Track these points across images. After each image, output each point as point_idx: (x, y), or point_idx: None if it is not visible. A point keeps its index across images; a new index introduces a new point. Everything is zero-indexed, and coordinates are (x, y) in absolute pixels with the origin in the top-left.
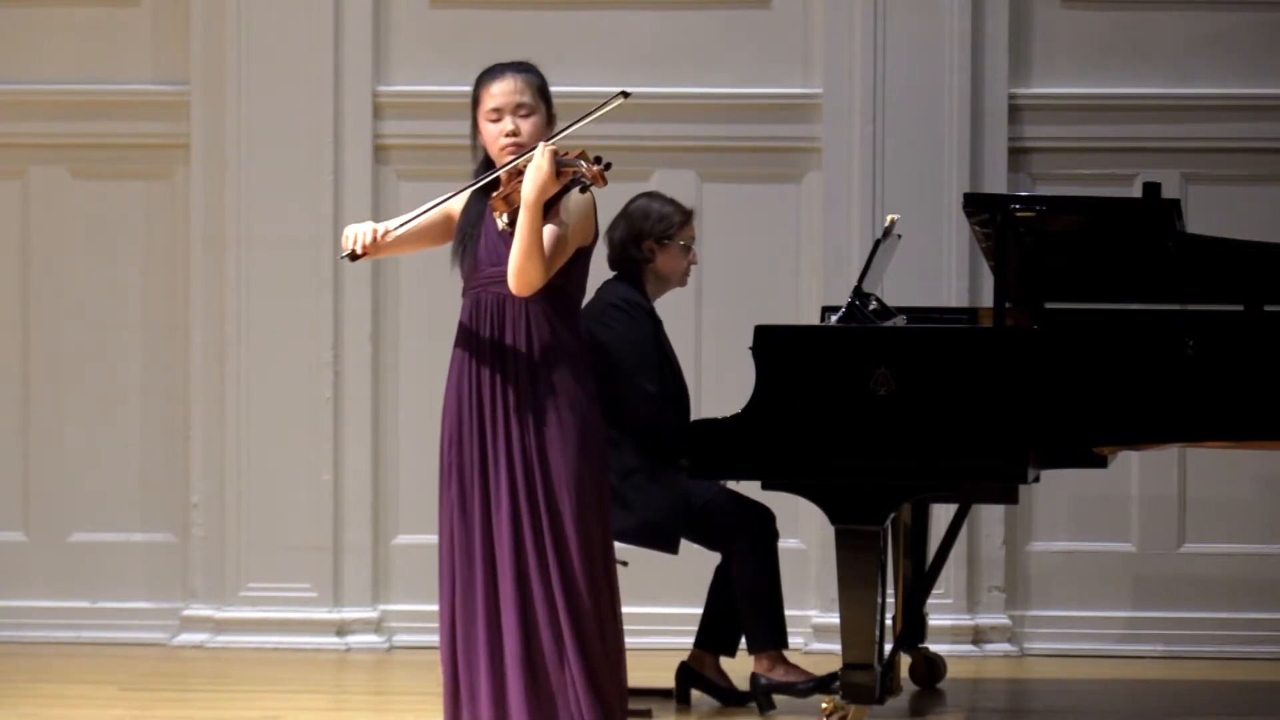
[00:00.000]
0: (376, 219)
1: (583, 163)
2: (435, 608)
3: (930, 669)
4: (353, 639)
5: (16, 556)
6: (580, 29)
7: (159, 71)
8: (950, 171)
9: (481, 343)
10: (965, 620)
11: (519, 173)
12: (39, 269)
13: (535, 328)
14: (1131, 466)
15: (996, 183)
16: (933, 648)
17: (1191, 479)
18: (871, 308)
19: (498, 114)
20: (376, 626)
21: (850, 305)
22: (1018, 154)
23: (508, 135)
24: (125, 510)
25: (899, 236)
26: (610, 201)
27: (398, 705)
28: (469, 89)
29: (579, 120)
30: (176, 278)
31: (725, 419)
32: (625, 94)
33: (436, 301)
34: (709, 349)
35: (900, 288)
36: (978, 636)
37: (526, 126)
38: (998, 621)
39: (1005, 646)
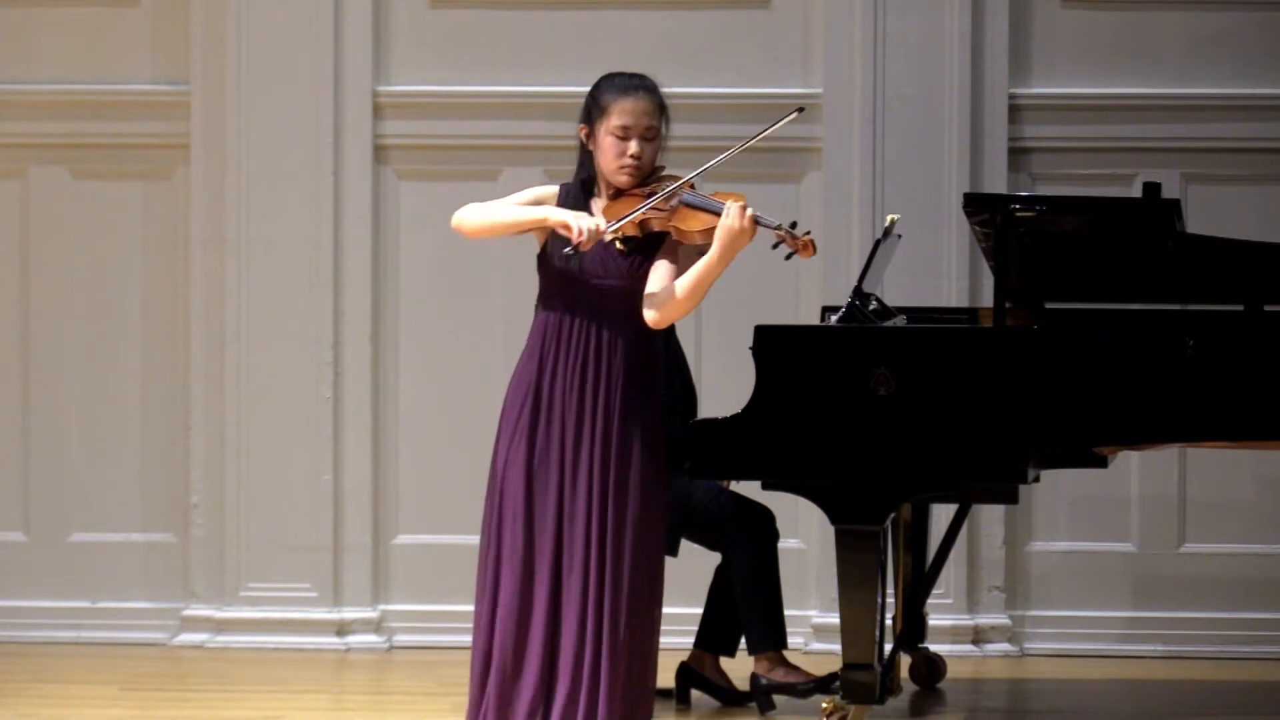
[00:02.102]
0: (376, 220)
1: (782, 227)
2: (435, 607)
3: (930, 669)
4: (353, 639)
5: (16, 556)
6: (580, 29)
7: (159, 71)
8: (950, 171)
9: (571, 348)
10: (965, 620)
11: (660, 204)
12: (39, 269)
13: (630, 339)
14: (1131, 466)
15: (996, 183)
16: (933, 648)
17: (1191, 479)
18: (871, 308)
19: (625, 131)
20: (376, 626)
21: (850, 305)
22: (1018, 154)
23: (631, 157)
24: (125, 510)
25: (899, 236)
26: None
27: (398, 705)
28: (469, 89)
29: (753, 137)
30: (176, 278)
31: (725, 419)
32: (800, 109)
33: (437, 302)
34: (709, 349)
35: (900, 288)
36: (978, 636)
37: (649, 151)
38: (998, 621)
39: (1005, 646)
